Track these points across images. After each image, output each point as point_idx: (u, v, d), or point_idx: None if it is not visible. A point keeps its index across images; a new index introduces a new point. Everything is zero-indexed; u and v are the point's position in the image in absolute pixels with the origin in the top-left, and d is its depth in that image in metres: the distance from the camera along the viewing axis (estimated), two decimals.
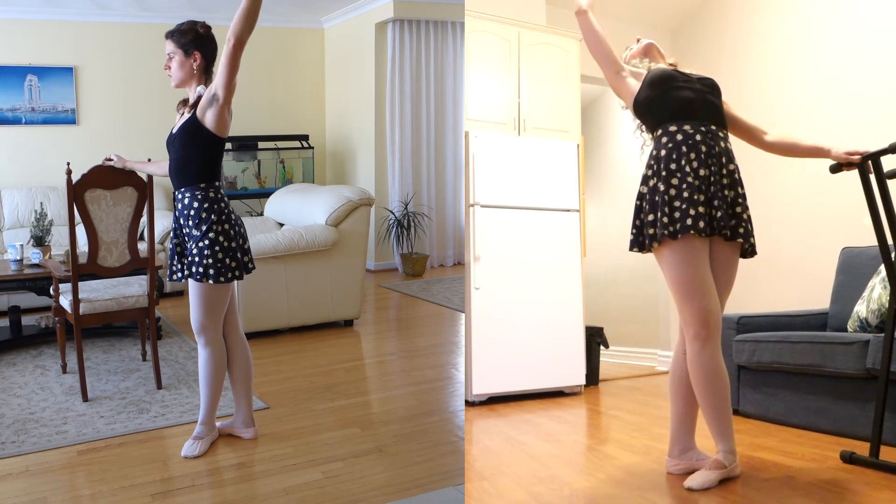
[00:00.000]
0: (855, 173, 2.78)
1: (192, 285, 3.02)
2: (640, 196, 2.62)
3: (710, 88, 2.66)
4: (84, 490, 2.85)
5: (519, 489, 2.57)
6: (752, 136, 2.78)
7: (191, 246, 2.97)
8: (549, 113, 4.87)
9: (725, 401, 2.50)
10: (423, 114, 8.04)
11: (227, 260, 2.96)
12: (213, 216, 2.93)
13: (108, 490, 2.83)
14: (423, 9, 7.69)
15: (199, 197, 2.94)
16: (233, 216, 3.03)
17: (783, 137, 2.76)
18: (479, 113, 4.62)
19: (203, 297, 3.01)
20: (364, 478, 2.93)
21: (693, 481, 2.45)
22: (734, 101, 2.92)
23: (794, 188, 4.81)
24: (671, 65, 2.82)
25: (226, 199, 3.02)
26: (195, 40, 2.90)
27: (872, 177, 2.71)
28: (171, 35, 2.94)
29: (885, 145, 2.67)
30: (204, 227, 2.92)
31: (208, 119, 2.87)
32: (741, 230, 2.55)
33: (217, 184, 2.99)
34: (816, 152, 2.73)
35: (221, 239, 2.94)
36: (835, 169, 2.74)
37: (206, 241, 2.93)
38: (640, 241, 2.61)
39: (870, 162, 2.69)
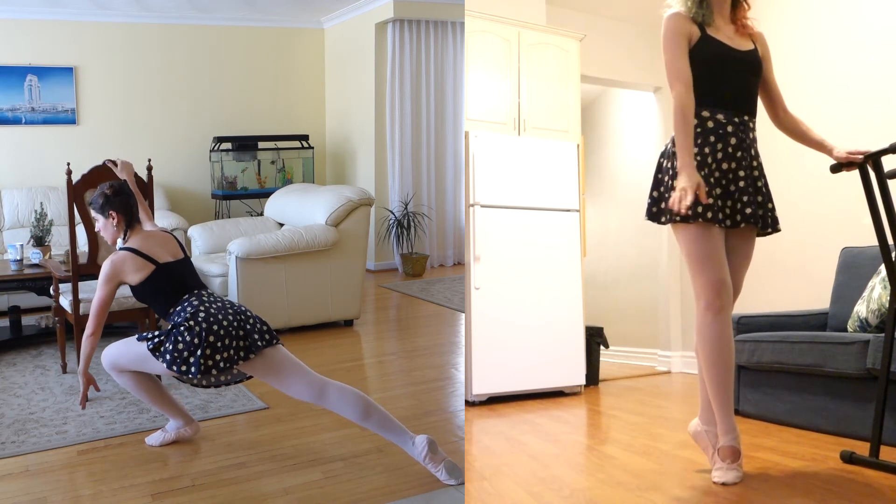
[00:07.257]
0: (855, 173, 2.78)
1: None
2: (660, 167, 2.62)
3: (753, 69, 2.58)
4: (84, 490, 2.85)
5: (519, 489, 2.57)
6: (774, 107, 2.74)
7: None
8: (549, 113, 4.87)
9: (730, 375, 2.52)
10: (423, 114, 8.03)
11: (169, 346, 2.94)
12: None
13: (108, 490, 2.84)
14: (423, 9, 7.69)
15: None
16: (200, 316, 2.93)
17: (798, 122, 2.74)
18: (479, 113, 4.62)
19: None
20: (364, 478, 2.93)
21: (725, 477, 2.47)
22: None
23: (794, 188, 4.81)
24: None
25: (192, 302, 2.99)
26: (107, 202, 3.14)
27: (873, 176, 2.71)
28: (90, 205, 3.24)
29: (885, 145, 2.66)
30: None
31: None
32: (769, 220, 2.61)
33: (176, 302, 3.01)
34: (820, 147, 2.73)
35: (184, 330, 2.92)
36: (835, 169, 2.74)
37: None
38: (655, 213, 2.63)
39: (870, 161, 2.69)
